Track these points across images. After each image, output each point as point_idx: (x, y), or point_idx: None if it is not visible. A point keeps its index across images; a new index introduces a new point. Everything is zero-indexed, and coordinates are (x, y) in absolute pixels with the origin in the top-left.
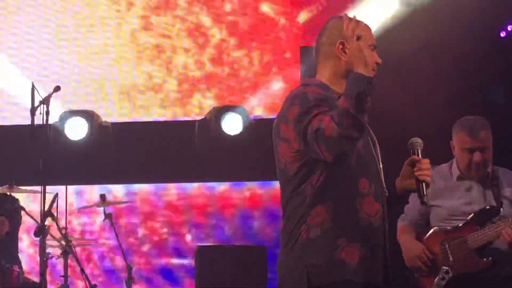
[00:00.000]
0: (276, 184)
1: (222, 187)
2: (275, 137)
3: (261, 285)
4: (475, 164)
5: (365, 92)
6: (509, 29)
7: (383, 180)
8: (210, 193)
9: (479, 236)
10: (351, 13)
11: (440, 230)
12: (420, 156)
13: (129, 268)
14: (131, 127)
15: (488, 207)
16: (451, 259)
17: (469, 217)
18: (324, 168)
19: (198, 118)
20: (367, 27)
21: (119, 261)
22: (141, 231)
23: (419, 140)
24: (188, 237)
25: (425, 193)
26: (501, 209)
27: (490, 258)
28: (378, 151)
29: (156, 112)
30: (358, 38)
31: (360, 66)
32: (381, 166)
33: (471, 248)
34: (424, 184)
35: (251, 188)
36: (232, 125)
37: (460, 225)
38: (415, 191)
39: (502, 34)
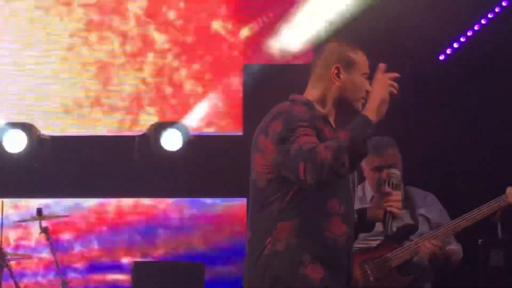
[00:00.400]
0: (213, 202)
1: (160, 203)
2: (252, 149)
3: None
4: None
5: (369, 138)
6: (448, 52)
7: (353, 203)
8: (148, 209)
9: (399, 254)
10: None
11: (358, 251)
12: (393, 187)
13: (64, 284)
14: (70, 140)
15: (405, 225)
16: (371, 279)
17: (386, 236)
18: (294, 183)
19: (138, 133)
20: (362, 55)
21: (54, 277)
22: (77, 247)
23: (394, 172)
24: (125, 253)
25: (389, 226)
26: (418, 226)
27: (411, 275)
28: (355, 175)
29: (96, 127)
30: (354, 65)
31: (352, 95)
32: (357, 188)
33: (392, 266)
34: (391, 215)
35: (189, 205)
36: (171, 141)
37: (376, 245)
38: (381, 221)
39: (441, 57)
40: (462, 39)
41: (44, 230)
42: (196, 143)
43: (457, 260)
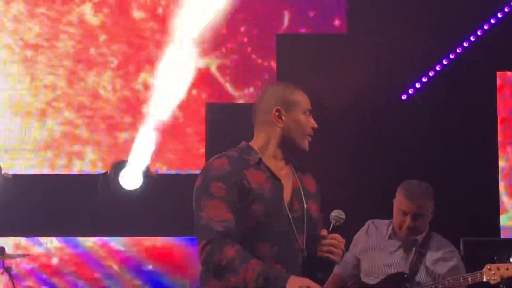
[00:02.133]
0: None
1: (118, 242)
2: None
3: None
4: (406, 228)
5: None
6: (410, 92)
7: (297, 240)
8: (109, 248)
9: None
10: None
11: (355, 285)
12: (332, 229)
13: None
14: (34, 179)
15: (400, 273)
16: None
17: (383, 278)
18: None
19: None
20: (302, 94)
21: None
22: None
23: (336, 214)
24: None
25: (321, 269)
26: (417, 275)
27: None
28: (304, 205)
29: (61, 166)
30: (295, 105)
31: (297, 134)
32: (305, 223)
33: None
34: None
35: (148, 243)
36: (131, 179)
37: (372, 284)
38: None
39: (404, 97)
40: (424, 79)
41: (6, 269)
42: (157, 181)
43: None
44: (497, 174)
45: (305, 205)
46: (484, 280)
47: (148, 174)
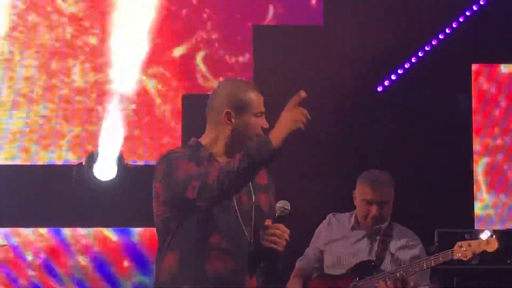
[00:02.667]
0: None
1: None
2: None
3: None
4: (371, 217)
5: (265, 163)
6: (386, 84)
7: (245, 233)
8: (84, 238)
9: None
10: None
11: (321, 277)
12: (276, 220)
13: None
14: (10, 169)
15: (366, 261)
16: None
17: (350, 268)
18: (178, 217)
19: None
20: (256, 94)
21: None
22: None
23: (281, 205)
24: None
25: (257, 261)
26: (383, 263)
27: None
28: (253, 198)
29: (39, 156)
30: (245, 107)
31: (245, 136)
32: (253, 215)
33: None
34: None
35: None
36: (105, 170)
37: (339, 274)
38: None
39: (379, 89)
40: (399, 71)
41: None
42: (133, 172)
43: None
44: (472, 165)
45: (253, 198)
46: (456, 257)
47: (123, 165)
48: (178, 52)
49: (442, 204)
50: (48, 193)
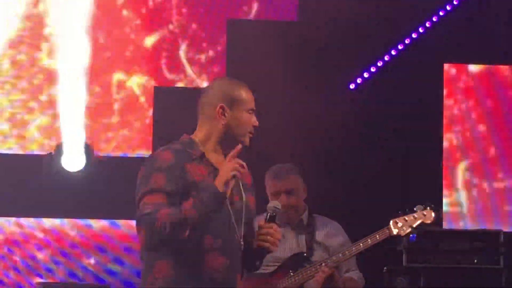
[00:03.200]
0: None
1: (60, 224)
2: None
3: None
4: (284, 207)
5: (215, 207)
6: (358, 81)
7: (236, 232)
8: (51, 229)
9: (291, 281)
10: None
11: (252, 276)
12: (268, 219)
13: None
14: None
15: (299, 253)
16: None
17: (281, 263)
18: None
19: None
20: (247, 91)
21: None
22: None
23: (272, 204)
24: (30, 273)
25: (257, 258)
26: (314, 253)
27: None
28: (243, 197)
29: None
30: (238, 103)
31: (238, 131)
32: (243, 215)
33: None
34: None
35: (93, 225)
36: (74, 161)
37: (272, 271)
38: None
39: (352, 86)
40: (372, 69)
41: None
42: (103, 164)
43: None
44: (441, 166)
45: (244, 198)
46: (394, 234)
47: (92, 157)
48: (149, 41)
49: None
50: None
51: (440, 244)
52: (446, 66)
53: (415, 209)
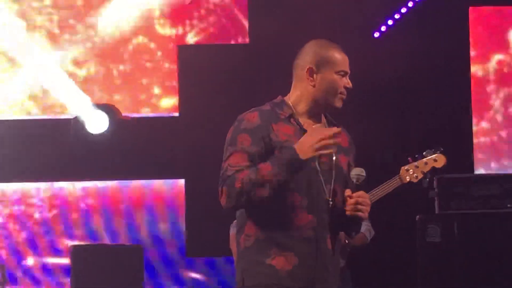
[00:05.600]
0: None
1: (95, 185)
2: None
3: (137, 285)
4: None
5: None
6: (382, 29)
7: (325, 191)
8: (86, 192)
9: None
10: None
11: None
12: (356, 188)
13: (2, 268)
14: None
15: None
16: None
17: None
18: None
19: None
20: (339, 53)
21: None
22: (14, 229)
23: (356, 172)
24: (64, 236)
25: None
26: None
27: None
28: (333, 160)
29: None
30: (328, 64)
31: (328, 93)
32: (333, 175)
33: None
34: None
35: (123, 187)
36: (98, 123)
37: None
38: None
39: (376, 35)
40: (396, 16)
41: None
42: (131, 125)
43: (361, 243)
44: (470, 109)
45: (334, 158)
46: (406, 181)
47: (116, 118)
48: None
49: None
50: (43, 147)
51: (471, 190)
52: (471, 9)
53: (424, 154)
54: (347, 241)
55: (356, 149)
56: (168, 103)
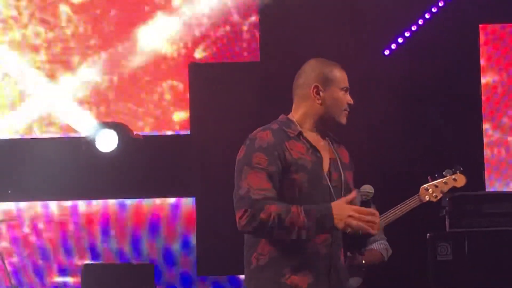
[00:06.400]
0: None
1: (104, 204)
2: None
3: None
4: None
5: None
6: (392, 47)
7: None
8: (96, 211)
9: None
10: None
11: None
12: (362, 204)
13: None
14: (15, 143)
15: None
16: None
17: None
18: (276, 200)
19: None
20: (340, 71)
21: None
22: (25, 249)
23: (365, 190)
24: (75, 255)
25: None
26: None
27: None
28: (342, 175)
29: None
30: (332, 82)
31: (334, 110)
32: (342, 192)
33: None
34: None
35: (135, 205)
36: (108, 142)
37: None
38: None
39: (386, 52)
40: (406, 34)
41: None
42: (142, 143)
43: (376, 262)
44: (481, 126)
45: (342, 175)
46: (425, 201)
47: (127, 136)
48: None
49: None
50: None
51: (482, 207)
52: (481, 27)
53: (444, 173)
54: (364, 261)
55: (368, 164)
56: (180, 121)
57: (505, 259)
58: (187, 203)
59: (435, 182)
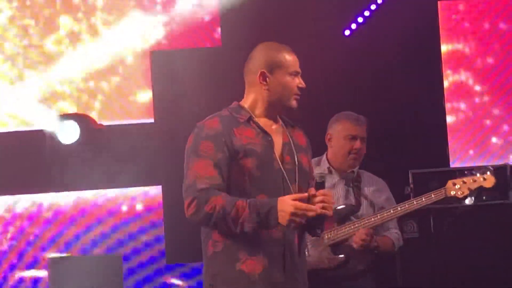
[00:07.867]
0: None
1: (68, 196)
2: None
3: None
4: (356, 152)
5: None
6: (352, 27)
7: (290, 190)
8: (61, 203)
9: (335, 234)
10: None
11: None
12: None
13: None
14: None
15: (347, 205)
16: (306, 254)
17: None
18: (223, 188)
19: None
20: (290, 54)
21: None
22: None
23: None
24: (41, 248)
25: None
26: (361, 207)
27: (343, 255)
28: (296, 167)
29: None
30: (279, 67)
31: (282, 95)
32: (296, 175)
33: (326, 244)
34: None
35: (101, 196)
36: (70, 133)
37: None
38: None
39: (347, 33)
40: (366, 13)
41: None
42: (106, 133)
43: (388, 250)
44: (443, 103)
45: (296, 158)
46: (451, 195)
47: (89, 127)
48: None
49: (415, 145)
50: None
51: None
52: (440, 3)
53: (473, 172)
54: (376, 251)
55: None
56: (143, 109)
57: (471, 236)
58: (154, 191)
59: (464, 178)
